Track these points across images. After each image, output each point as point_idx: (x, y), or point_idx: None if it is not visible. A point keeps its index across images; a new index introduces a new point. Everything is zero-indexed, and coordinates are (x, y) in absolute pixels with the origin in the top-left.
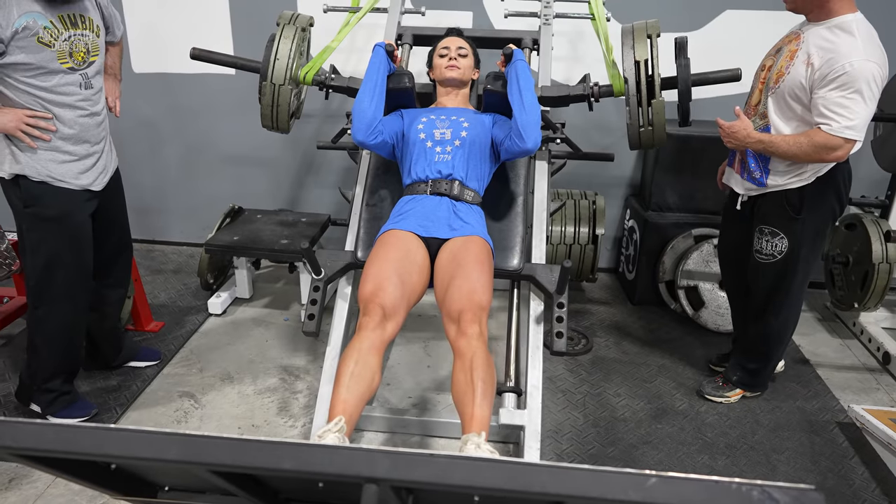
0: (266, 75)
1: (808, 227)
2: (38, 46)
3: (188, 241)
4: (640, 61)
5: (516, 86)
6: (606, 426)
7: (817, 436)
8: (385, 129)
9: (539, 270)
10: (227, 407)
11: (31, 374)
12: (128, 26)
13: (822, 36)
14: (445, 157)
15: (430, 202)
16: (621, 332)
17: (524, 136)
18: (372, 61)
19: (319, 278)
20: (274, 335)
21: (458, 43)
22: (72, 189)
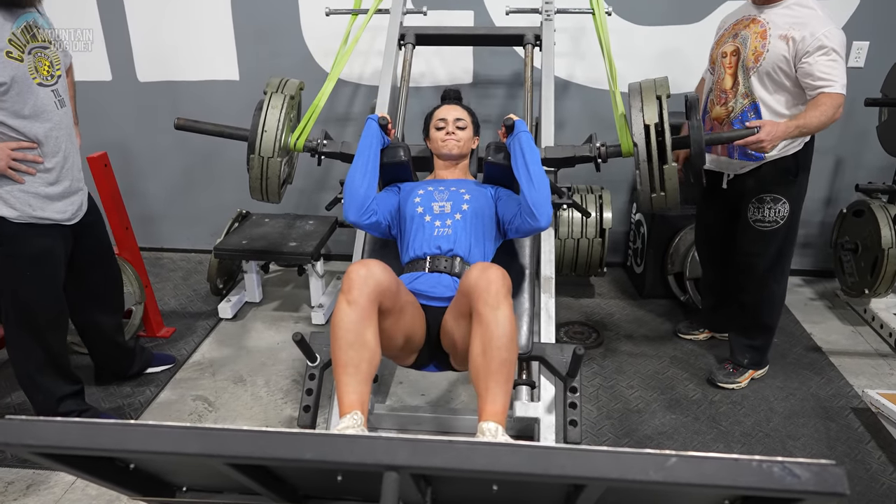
0: (254, 148)
1: (801, 188)
2: (8, 62)
3: (196, 248)
4: (650, 125)
5: (522, 160)
6: (620, 418)
7: (832, 422)
8: (379, 207)
9: (549, 351)
10: (240, 409)
11: (41, 408)
12: (131, 36)
13: (786, 14)
14: (446, 232)
15: (430, 280)
16: (632, 325)
17: (536, 215)
18: (364, 135)
19: (315, 365)
20: (284, 338)
21: (455, 114)
22: (54, 224)
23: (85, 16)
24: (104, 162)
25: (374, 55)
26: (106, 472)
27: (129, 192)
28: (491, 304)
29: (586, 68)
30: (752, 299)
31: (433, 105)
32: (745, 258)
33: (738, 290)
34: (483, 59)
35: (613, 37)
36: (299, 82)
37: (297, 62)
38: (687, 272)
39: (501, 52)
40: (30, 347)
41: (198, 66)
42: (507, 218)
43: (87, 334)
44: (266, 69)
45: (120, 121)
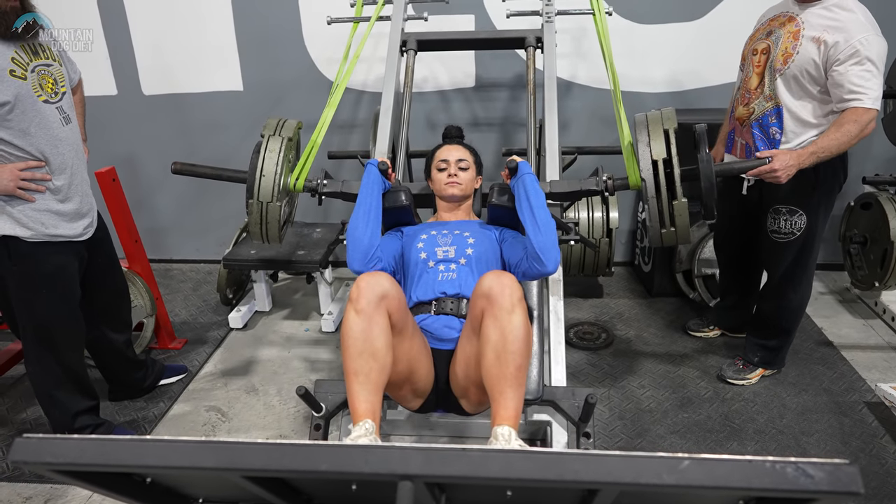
0: (252, 193)
1: (822, 201)
2: (12, 80)
3: (205, 259)
4: (658, 160)
5: (527, 203)
6: (632, 418)
7: (846, 417)
8: (383, 254)
9: (560, 395)
10: (254, 419)
11: (58, 423)
12: (135, 49)
13: (823, 15)
14: (450, 276)
15: (437, 322)
16: (641, 324)
17: (543, 260)
18: (364, 182)
19: (320, 416)
20: (295, 346)
21: (457, 155)
22: (66, 241)
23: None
24: (112, 177)
25: (376, 62)
26: (123, 487)
27: (137, 205)
28: (507, 307)
29: (589, 68)
30: (768, 305)
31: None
32: (762, 265)
33: (756, 294)
34: (485, 63)
35: (615, 36)
36: (297, 123)
37: (300, 71)
38: (695, 270)
39: (503, 55)
40: (48, 364)
41: (202, 78)
42: (512, 262)
43: (97, 350)
44: (269, 79)
45: (126, 134)
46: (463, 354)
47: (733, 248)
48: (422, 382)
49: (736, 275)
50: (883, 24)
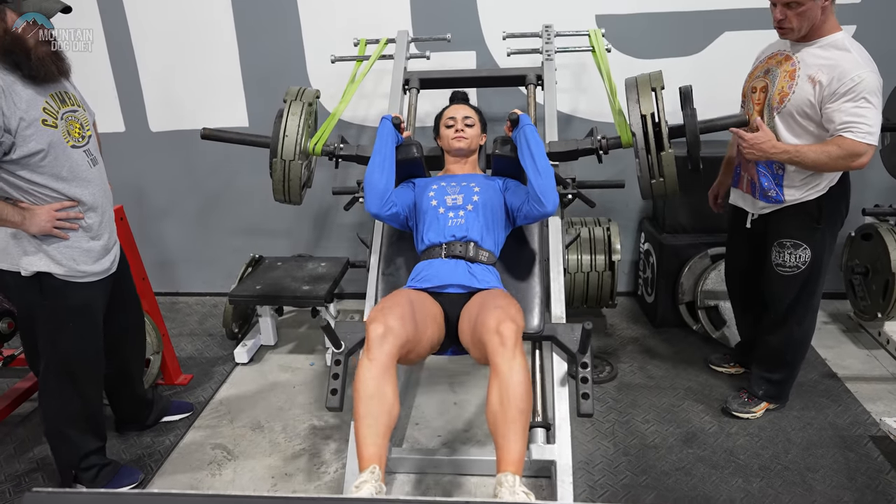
0: (276, 152)
1: (827, 235)
2: (44, 129)
3: (211, 291)
4: (646, 114)
5: (528, 151)
6: (637, 454)
7: (851, 451)
8: (398, 200)
9: (560, 330)
10: (259, 456)
11: (65, 461)
12: (143, 86)
13: (818, 55)
14: (459, 222)
15: (446, 265)
16: (645, 356)
17: (543, 201)
18: (380, 133)
19: (340, 352)
20: (301, 381)
21: (463, 112)
22: (95, 280)
23: (98, 71)
24: (120, 216)
25: (378, 97)
26: None
27: (144, 239)
28: (507, 357)
29: (589, 102)
30: (773, 338)
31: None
32: (766, 299)
33: (761, 327)
34: (487, 97)
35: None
36: (316, 90)
37: None
38: (698, 301)
39: (505, 91)
40: (66, 399)
41: (208, 114)
42: (515, 206)
43: (108, 381)
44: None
45: (134, 170)
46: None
47: (743, 282)
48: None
49: (747, 309)
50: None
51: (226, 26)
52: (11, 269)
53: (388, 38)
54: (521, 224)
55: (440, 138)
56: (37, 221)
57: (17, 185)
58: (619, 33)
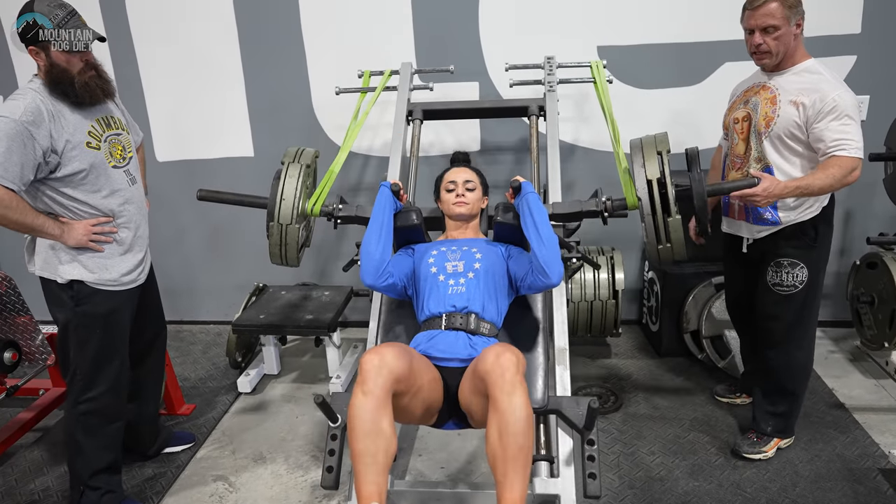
0: (273, 216)
1: (821, 253)
2: (88, 151)
3: (215, 320)
4: (653, 180)
5: (531, 220)
6: (643, 487)
7: (860, 485)
8: (395, 270)
9: (565, 404)
10: (261, 489)
11: (76, 474)
12: (150, 117)
13: (795, 81)
14: (459, 290)
15: (447, 338)
16: (650, 387)
17: (548, 272)
18: (378, 201)
19: (336, 426)
20: (304, 410)
21: (464, 176)
22: (123, 290)
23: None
24: None
25: (383, 128)
26: None
27: None
28: (507, 390)
29: (591, 132)
30: (773, 364)
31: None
32: (764, 322)
33: (761, 358)
34: (490, 128)
35: (616, 101)
36: (315, 151)
37: (310, 138)
38: (703, 330)
39: (508, 120)
40: (85, 409)
41: (214, 145)
42: (519, 275)
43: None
44: (279, 145)
45: None
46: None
47: (744, 309)
48: (434, 407)
49: (748, 332)
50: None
51: (232, 58)
52: (52, 277)
53: (391, 69)
54: (524, 294)
55: (441, 202)
56: (74, 234)
57: (59, 200)
58: (620, 64)
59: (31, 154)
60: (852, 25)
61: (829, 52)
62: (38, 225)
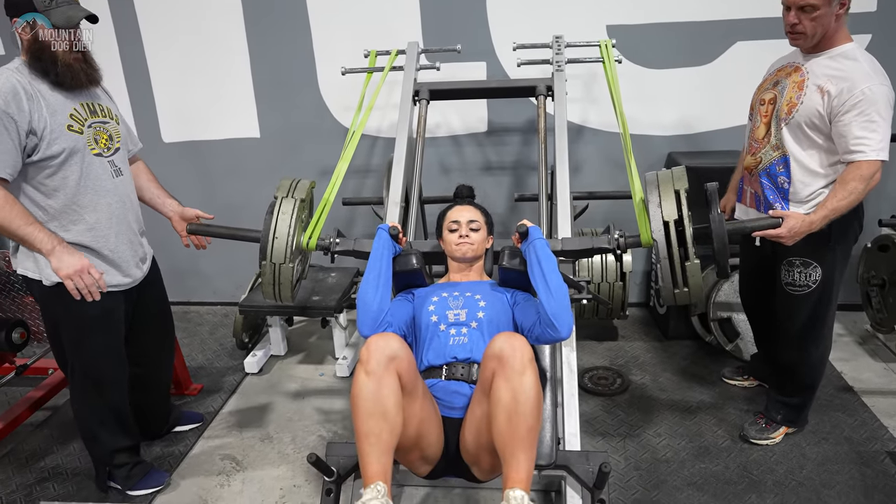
0: (265, 255)
1: (838, 253)
2: (69, 134)
3: (222, 301)
4: (669, 221)
5: (538, 269)
6: (649, 468)
7: (868, 467)
8: (393, 319)
9: (574, 459)
10: (268, 468)
11: (98, 457)
12: (155, 98)
13: (828, 65)
14: (461, 340)
15: (447, 388)
16: (657, 369)
17: (556, 326)
18: (375, 246)
19: (331, 480)
20: (310, 391)
21: (468, 215)
22: (116, 291)
23: (112, 84)
24: None
25: (389, 108)
26: None
27: (157, 249)
28: (518, 369)
29: (600, 112)
30: (788, 360)
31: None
32: (779, 319)
33: (777, 349)
34: (497, 108)
35: (625, 81)
36: (310, 183)
37: (316, 118)
38: (711, 313)
39: (515, 101)
40: (92, 401)
41: (220, 126)
42: (525, 326)
43: (136, 392)
44: (285, 126)
45: None
46: (473, 417)
47: (756, 298)
48: (431, 448)
49: (762, 325)
50: None
51: (237, 38)
52: (35, 277)
53: (398, 49)
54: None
55: (443, 241)
56: (66, 262)
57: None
58: (630, 43)
59: (16, 138)
60: (868, 3)
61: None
62: (27, 234)
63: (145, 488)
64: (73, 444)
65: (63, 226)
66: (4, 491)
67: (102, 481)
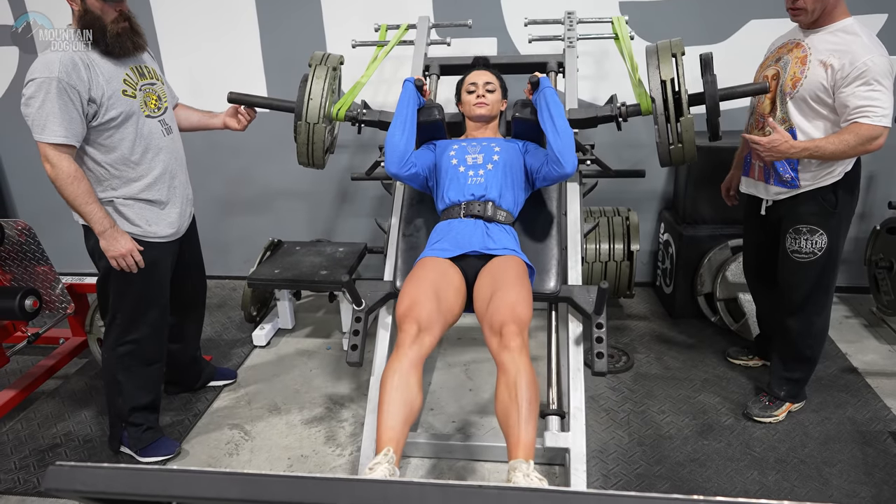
0: (301, 115)
1: (842, 221)
2: (124, 99)
3: (230, 275)
4: (667, 80)
5: (547, 112)
6: (652, 444)
7: (869, 446)
8: (418, 161)
9: (576, 292)
10: (275, 438)
11: (117, 412)
12: (165, 68)
13: (829, 40)
14: (478, 180)
15: (464, 226)
16: (662, 348)
17: (562, 162)
18: (402, 95)
19: (360, 309)
20: (317, 364)
21: (485, 78)
22: (163, 242)
23: None
24: None
25: (398, 84)
26: None
27: None
28: (513, 355)
29: (611, 90)
30: (792, 330)
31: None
32: (783, 288)
33: (779, 319)
34: (508, 84)
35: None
36: (340, 56)
37: None
38: (717, 293)
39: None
40: (126, 351)
41: None
42: (535, 167)
43: (172, 342)
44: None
45: None
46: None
47: (761, 271)
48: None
49: (766, 301)
50: None
51: (247, 9)
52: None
53: (408, 23)
54: (539, 186)
55: (461, 104)
56: (117, 243)
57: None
58: (643, 20)
59: (80, 107)
60: None
61: (860, 9)
62: (87, 211)
63: (156, 455)
64: (85, 412)
65: (122, 182)
66: (17, 456)
67: (115, 442)
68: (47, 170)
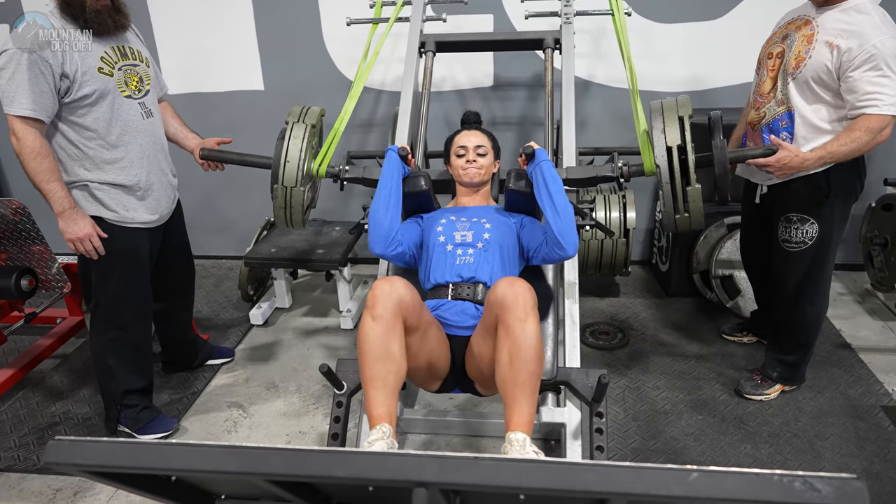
0: (277, 178)
1: (836, 209)
2: (99, 76)
3: (226, 255)
4: (672, 146)
5: (545, 189)
6: (647, 419)
7: (862, 421)
8: (404, 239)
9: (574, 375)
10: (274, 416)
11: (111, 396)
12: (160, 50)
13: (839, 19)
14: (467, 260)
15: (453, 307)
16: (657, 325)
17: (563, 244)
18: (385, 167)
19: (342, 393)
20: (315, 343)
21: (475, 140)
22: (143, 228)
23: None
24: None
25: (395, 62)
26: (149, 485)
27: None
28: (519, 316)
29: (607, 67)
30: (784, 317)
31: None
32: (776, 276)
33: (774, 306)
34: (504, 62)
35: (634, 36)
36: (320, 110)
37: (320, 70)
38: (713, 271)
39: (522, 55)
40: (113, 337)
41: (223, 78)
42: (532, 247)
43: (161, 323)
44: (289, 78)
45: None
46: (477, 350)
47: (756, 256)
48: (440, 369)
49: (762, 283)
50: None
51: None
52: None
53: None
54: (536, 264)
55: (451, 167)
56: (75, 224)
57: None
58: None
59: (51, 81)
60: None
61: None
62: (47, 189)
63: (154, 433)
64: (84, 391)
65: (96, 164)
66: (17, 434)
67: (112, 422)
68: (13, 143)
